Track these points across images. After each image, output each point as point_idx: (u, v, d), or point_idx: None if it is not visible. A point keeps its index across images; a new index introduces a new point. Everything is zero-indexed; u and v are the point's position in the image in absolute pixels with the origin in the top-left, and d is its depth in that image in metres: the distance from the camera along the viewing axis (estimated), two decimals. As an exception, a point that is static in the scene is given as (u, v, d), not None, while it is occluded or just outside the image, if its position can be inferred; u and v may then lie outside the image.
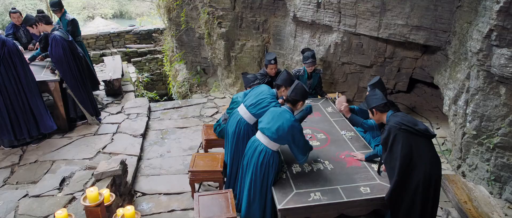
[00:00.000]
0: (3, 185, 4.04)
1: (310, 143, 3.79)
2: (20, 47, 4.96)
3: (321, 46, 5.80)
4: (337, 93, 5.20)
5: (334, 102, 4.88)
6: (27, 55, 5.16)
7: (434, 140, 4.70)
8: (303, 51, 5.00)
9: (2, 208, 3.33)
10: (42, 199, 3.42)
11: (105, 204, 1.97)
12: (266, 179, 3.18)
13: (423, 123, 3.06)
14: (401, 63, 5.59)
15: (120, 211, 1.90)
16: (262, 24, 6.70)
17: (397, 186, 2.93)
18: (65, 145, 4.84)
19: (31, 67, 4.82)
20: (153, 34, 11.53)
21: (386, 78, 5.74)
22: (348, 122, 4.24)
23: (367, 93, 3.49)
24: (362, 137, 4.00)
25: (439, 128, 5.46)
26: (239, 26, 6.82)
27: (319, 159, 3.56)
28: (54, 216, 1.82)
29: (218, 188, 4.02)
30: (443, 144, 5.13)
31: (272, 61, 4.74)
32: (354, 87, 6.03)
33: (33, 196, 3.46)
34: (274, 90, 3.76)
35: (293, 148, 3.21)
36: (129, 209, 1.81)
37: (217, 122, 4.36)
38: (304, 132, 4.06)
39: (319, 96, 5.19)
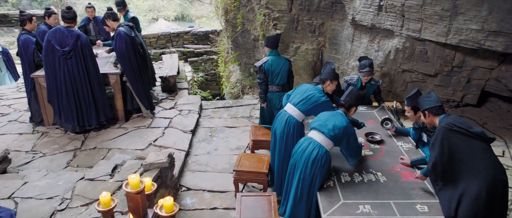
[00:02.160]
0: (66, 167, 4.37)
1: (363, 152, 3.58)
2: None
3: (380, 52, 5.46)
4: (394, 102, 4.84)
5: (391, 111, 4.55)
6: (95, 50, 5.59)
7: (507, 162, 4.15)
8: (360, 59, 4.73)
9: (62, 187, 3.58)
10: (95, 182, 3.61)
11: (146, 193, 1.96)
12: (314, 179, 3.04)
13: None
14: (472, 73, 5.04)
15: (160, 201, 1.87)
16: (319, 27, 6.52)
17: (452, 196, 2.60)
18: (120, 135, 5.10)
19: (97, 61, 5.18)
20: (210, 36, 11.85)
21: (453, 90, 5.23)
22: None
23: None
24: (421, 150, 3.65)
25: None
26: (295, 29, 6.71)
27: (371, 170, 3.30)
28: (99, 198, 1.84)
29: (262, 191, 3.92)
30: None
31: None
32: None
33: (88, 179, 3.67)
34: (320, 86, 3.71)
35: (346, 150, 3.17)
36: (167, 199, 1.78)
37: None
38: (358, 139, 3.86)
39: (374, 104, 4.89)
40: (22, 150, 4.73)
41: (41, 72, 5.02)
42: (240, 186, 4.05)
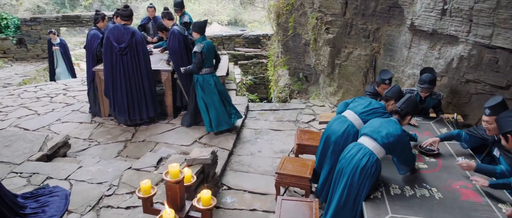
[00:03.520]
0: (116, 156, 4.60)
1: (416, 165, 3.30)
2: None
3: (441, 60, 5.04)
4: (455, 114, 4.43)
5: (451, 123, 4.17)
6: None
7: None
8: (422, 72, 4.40)
9: (111, 174, 3.76)
10: (141, 173, 3.73)
11: (185, 184, 1.94)
12: (362, 187, 2.85)
13: None
14: (551, 87, 4.47)
15: (198, 195, 1.85)
16: (373, 32, 6.22)
17: None
18: (168, 130, 5.26)
19: (150, 58, 5.41)
20: (261, 39, 11.92)
21: (526, 105, 4.66)
22: (468, 149, 3.56)
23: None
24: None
25: None
26: (348, 33, 6.47)
27: (424, 184, 3.02)
28: (140, 185, 1.86)
29: (304, 196, 3.78)
30: None
31: (387, 81, 4.33)
32: (478, 110, 5.05)
33: (134, 169, 3.81)
34: (382, 102, 3.55)
35: (398, 158, 2.98)
36: (206, 192, 1.74)
37: None
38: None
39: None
40: (80, 138, 5.08)
41: (101, 67, 5.36)
42: (282, 190, 3.95)
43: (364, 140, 3.00)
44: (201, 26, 4.93)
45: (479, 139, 3.35)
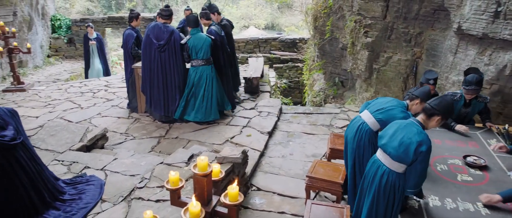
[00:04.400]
0: (150, 151, 4.72)
1: (459, 177, 3.06)
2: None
3: (492, 66, 4.70)
4: (506, 125, 4.09)
5: (502, 134, 3.85)
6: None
7: None
8: (466, 72, 4.10)
9: (144, 167, 3.86)
10: (172, 167, 3.79)
11: (213, 179, 1.92)
12: (390, 202, 2.67)
13: None
14: None
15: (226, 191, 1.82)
16: (416, 36, 5.94)
17: None
18: (201, 129, 5.32)
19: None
20: (297, 43, 11.82)
21: None
22: None
23: None
24: None
25: None
26: (388, 37, 6.23)
27: (468, 198, 2.79)
28: (169, 176, 1.86)
29: (335, 202, 3.64)
30: None
31: (431, 81, 4.10)
32: (532, 123, 4.65)
33: (166, 164, 3.88)
34: (404, 102, 3.24)
35: (410, 170, 2.59)
36: (234, 187, 1.70)
37: None
38: (453, 161, 3.35)
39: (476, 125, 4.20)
40: (117, 132, 5.27)
41: (139, 64, 5.54)
42: (312, 194, 3.84)
43: (380, 155, 2.76)
44: (192, 20, 5.23)
45: None
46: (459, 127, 3.97)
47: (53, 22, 12.06)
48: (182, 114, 5.33)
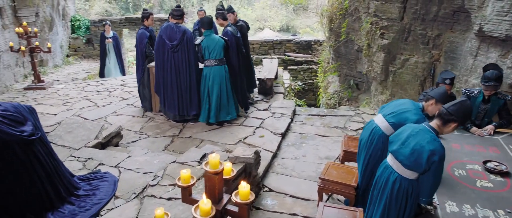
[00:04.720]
0: (163, 150, 4.76)
1: (479, 183, 2.96)
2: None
3: (514, 69, 4.54)
4: (528, 130, 3.94)
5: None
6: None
7: None
8: (485, 68, 4.00)
9: (157, 165, 3.90)
10: (184, 166, 3.81)
11: (224, 177, 1.91)
12: (402, 208, 2.61)
13: None
14: None
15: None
16: (434, 39, 5.80)
17: None
18: (214, 129, 5.34)
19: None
20: (312, 45, 11.75)
21: None
22: None
23: None
24: None
25: None
26: (405, 39, 6.11)
27: (488, 205, 2.69)
28: (180, 174, 1.86)
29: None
30: None
31: (447, 81, 3.99)
32: (557, 129, 4.47)
33: (179, 162, 3.90)
34: (420, 103, 3.13)
35: (423, 179, 2.51)
36: (244, 185, 1.69)
37: None
38: (472, 166, 3.25)
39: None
40: (132, 130, 5.34)
41: (153, 64, 5.60)
42: (325, 196, 3.79)
43: (390, 161, 2.69)
44: (206, 22, 5.29)
45: None
46: (474, 130, 3.86)
47: (72, 23, 12.36)
48: (208, 117, 5.40)
